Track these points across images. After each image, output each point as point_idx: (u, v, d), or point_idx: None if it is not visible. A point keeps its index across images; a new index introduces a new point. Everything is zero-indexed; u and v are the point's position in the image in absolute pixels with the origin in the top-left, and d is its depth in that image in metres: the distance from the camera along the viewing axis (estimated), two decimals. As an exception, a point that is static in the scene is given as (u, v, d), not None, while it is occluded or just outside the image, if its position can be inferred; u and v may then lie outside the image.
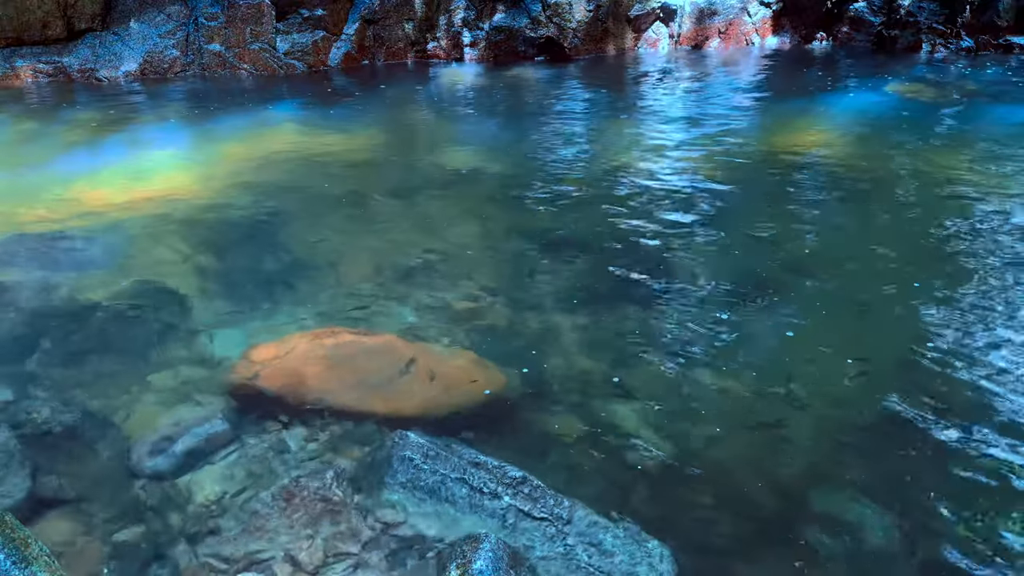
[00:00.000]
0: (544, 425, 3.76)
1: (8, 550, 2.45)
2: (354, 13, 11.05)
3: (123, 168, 6.96)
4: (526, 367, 4.14)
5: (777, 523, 3.24)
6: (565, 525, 3.11)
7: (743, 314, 4.64)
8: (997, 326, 4.42)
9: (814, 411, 3.86)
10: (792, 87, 10.12)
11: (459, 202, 6.37)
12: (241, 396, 3.85)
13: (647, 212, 6.03)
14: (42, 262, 5.16)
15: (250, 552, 3.01)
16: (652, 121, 8.79)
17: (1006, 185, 6.48)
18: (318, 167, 7.08)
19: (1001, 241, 5.46)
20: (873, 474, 3.44)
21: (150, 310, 4.66)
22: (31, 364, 4.11)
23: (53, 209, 5.98)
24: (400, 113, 9.15)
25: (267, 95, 9.72)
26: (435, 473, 3.26)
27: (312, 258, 5.34)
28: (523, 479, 3.27)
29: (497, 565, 2.81)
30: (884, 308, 4.71)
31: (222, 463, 3.51)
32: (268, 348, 4.10)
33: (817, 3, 12.19)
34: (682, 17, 12.16)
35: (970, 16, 11.54)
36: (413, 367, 4.05)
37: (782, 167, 7.09)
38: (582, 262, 5.29)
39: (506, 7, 11.52)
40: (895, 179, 6.79)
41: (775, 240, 5.61)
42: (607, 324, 4.56)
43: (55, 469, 3.40)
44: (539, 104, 9.45)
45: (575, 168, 7.09)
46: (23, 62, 9.95)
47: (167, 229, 5.72)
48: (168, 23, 10.47)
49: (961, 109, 9.04)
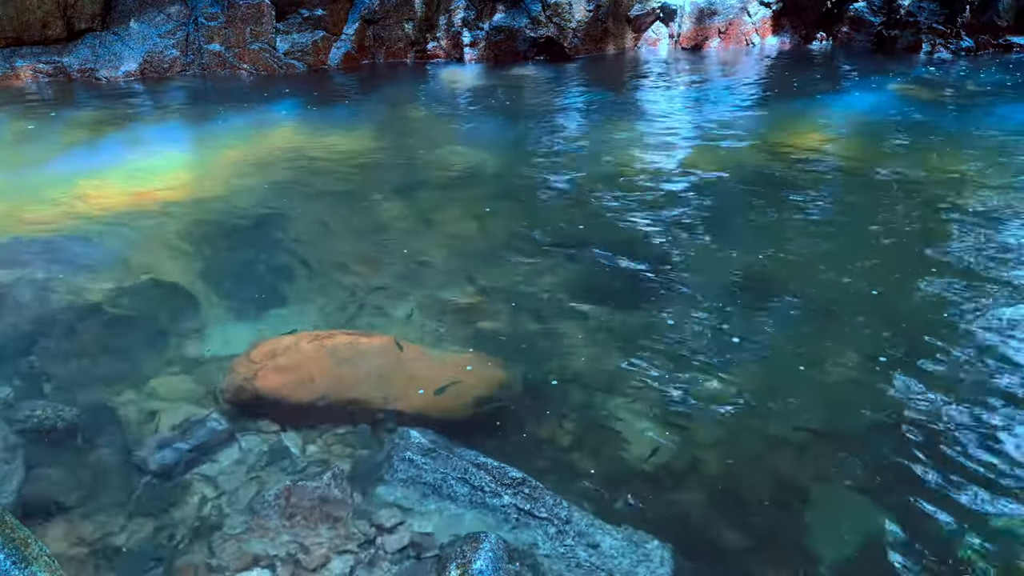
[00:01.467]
0: (544, 424, 3.76)
1: (8, 550, 2.45)
2: (354, 13, 11.04)
3: (123, 168, 6.95)
4: (526, 366, 4.14)
5: (777, 522, 3.24)
6: (565, 525, 3.11)
7: (744, 314, 4.64)
8: (997, 322, 4.42)
9: (815, 411, 3.85)
10: (792, 87, 10.11)
11: (459, 202, 6.37)
12: (241, 396, 3.85)
13: (647, 212, 6.03)
14: (42, 261, 5.16)
15: (251, 551, 3.01)
16: (651, 121, 8.79)
17: (1006, 185, 6.48)
18: (318, 167, 7.08)
19: (1001, 241, 5.46)
20: (874, 475, 3.44)
21: (150, 309, 4.66)
22: (32, 363, 4.11)
23: (53, 209, 5.98)
24: (400, 113, 9.14)
25: (267, 95, 9.71)
26: (436, 472, 3.26)
27: (312, 258, 5.34)
28: (523, 480, 3.27)
29: (497, 565, 2.81)
30: (885, 307, 4.70)
31: (222, 463, 3.51)
32: (269, 348, 4.10)
33: (817, 3, 12.18)
34: (682, 17, 12.15)
35: (970, 16, 11.53)
36: (414, 367, 4.04)
37: (782, 167, 7.09)
38: (582, 262, 5.29)
39: (506, 7, 11.51)
40: (895, 179, 6.78)
41: (774, 238, 5.60)
42: (608, 324, 4.56)
43: (56, 468, 3.41)
44: (539, 104, 9.45)
45: (575, 168, 7.09)
46: (23, 62, 9.94)
47: (167, 229, 5.72)
48: (168, 23, 10.47)
49: (961, 109, 9.03)
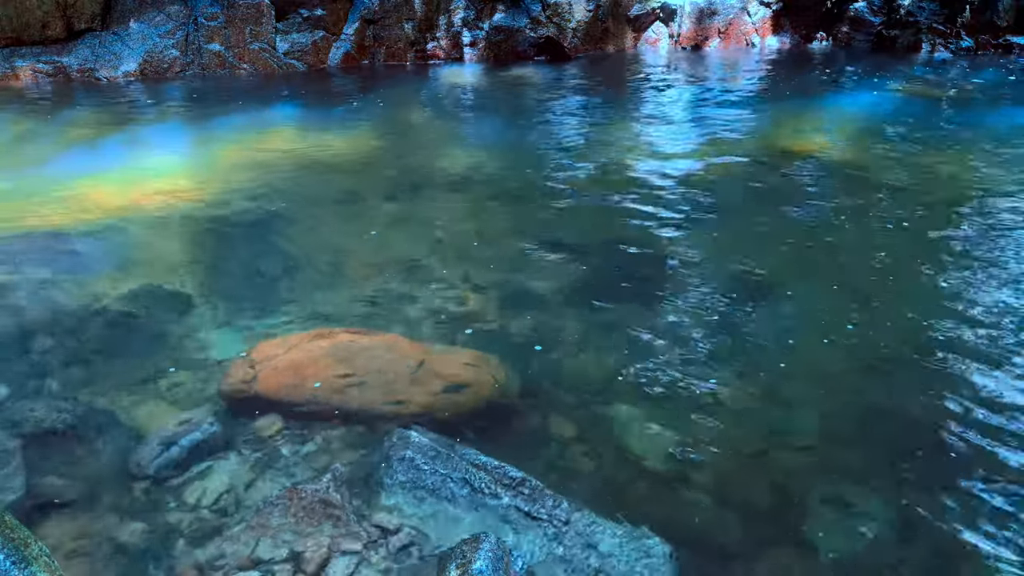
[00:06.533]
0: (545, 424, 3.76)
1: (8, 550, 2.45)
2: (354, 13, 11.04)
3: (123, 168, 6.95)
4: (527, 366, 4.14)
5: (779, 521, 3.24)
6: (565, 525, 3.11)
7: (744, 314, 4.64)
8: (998, 322, 4.43)
9: (815, 410, 3.85)
10: (792, 87, 10.12)
11: (459, 201, 6.36)
12: (241, 396, 3.84)
13: (647, 212, 6.03)
14: (42, 261, 5.16)
15: (251, 552, 3.01)
16: (651, 121, 8.79)
17: (1006, 185, 6.48)
18: (318, 167, 7.08)
19: (1001, 240, 5.46)
20: (876, 473, 3.44)
21: (150, 310, 4.66)
22: (31, 364, 4.11)
23: (53, 209, 5.98)
24: (400, 113, 9.14)
25: (267, 95, 9.71)
26: (436, 473, 3.26)
27: (312, 258, 5.34)
28: (523, 480, 3.27)
29: (497, 565, 2.81)
30: (884, 307, 4.70)
31: (222, 463, 3.51)
32: (268, 348, 4.10)
33: (817, 3, 12.18)
34: (682, 17, 12.16)
35: (970, 16, 11.54)
36: (413, 367, 4.04)
37: (781, 167, 7.09)
38: (582, 261, 5.29)
39: (506, 7, 11.51)
40: (895, 179, 6.78)
41: (774, 239, 5.61)
42: (608, 323, 4.56)
43: (55, 469, 3.40)
44: (539, 104, 9.45)
45: (575, 168, 7.09)
46: (23, 62, 9.95)
47: (167, 229, 5.72)
48: (168, 23, 10.47)
49: (961, 109, 9.03)
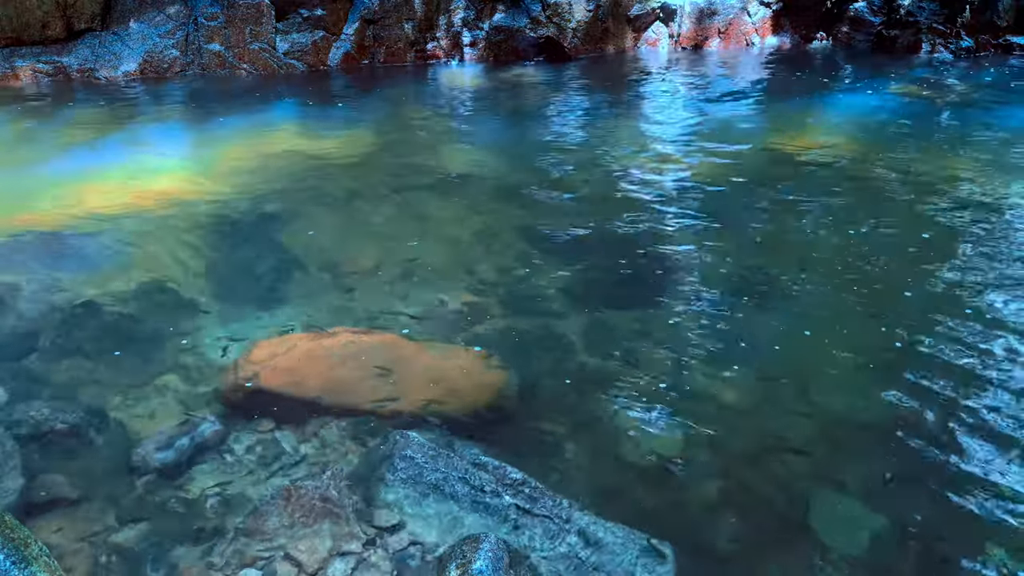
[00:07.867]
0: (545, 424, 3.76)
1: (8, 550, 2.45)
2: (354, 13, 11.03)
3: (123, 168, 6.95)
4: (527, 366, 4.14)
5: (778, 521, 3.24)
6: (565, 524, 3.10)
7: (744, 313, 4.64)
8: (998, 321, 4.42)
9: (816, 409, 3.85)
10: (792, 87, 10.11)
11: (459, 202, 6.36)
12: (241, 396, 3.84)
13: (647, 211, 6.02)
14: (42, 262, 5.16)
15: (251, 551, 3.01)
16: (651, 121, 8.79)
17: (1007, 185, 6.47)
18: (318, 167, 7.07)
19: (1001, 240, 5.46)
20: (876, 473, 3.44)
21: (150, 310, 4.66)
22: (31, 363, 4.11)
23: (53, 209, 5.97)
24: (400, 113, 9.13)
25: (267, 95, 9.70)
26: (436, 472, 3.25)
27: (312, 258, 5.34)
28: (523, 480, 3.26)
29: (497, 565, 2.81)
30: (885, 306, 4.70)
31: (222, 462, 3.50)
32: (269, 347, 4.09)
33: (817, 3, 12.17)
34: (682, 17, 12.15)
35: (970, 16, 11.53)
36: (413, 366, 4.04)
37: (781, 167, 7.09)
38: (582, 261, 5.29)
39: (506, 7, 11.50)
40: (895, 179, 6.78)
41: (774, 239, 5.60)
42: (608, 323, 4.56)
43: (54, 468, 3.40)
44: (539, 104, 9.44)
45: (575, 168, 7.08)
46: (22, 62, 9.93)
47: (167, 229, 5.71)
48: (168, 23, 10.46)
49: (961, 109, 9.03)
